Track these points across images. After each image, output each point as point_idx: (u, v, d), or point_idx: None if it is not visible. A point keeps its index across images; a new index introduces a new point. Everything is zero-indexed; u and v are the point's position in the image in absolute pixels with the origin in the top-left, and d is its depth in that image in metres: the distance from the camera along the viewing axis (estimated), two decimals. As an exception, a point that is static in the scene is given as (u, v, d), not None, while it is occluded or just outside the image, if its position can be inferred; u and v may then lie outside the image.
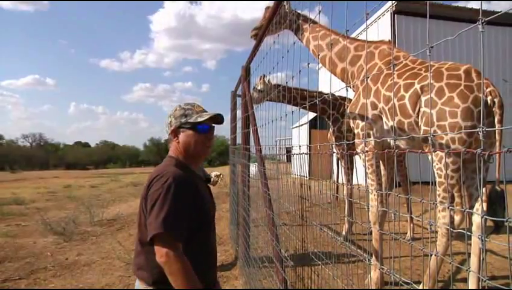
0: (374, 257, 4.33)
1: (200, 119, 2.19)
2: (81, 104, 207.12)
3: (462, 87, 3.56)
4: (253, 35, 5.81)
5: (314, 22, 5.21)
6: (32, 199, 16.63)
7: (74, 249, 7.81)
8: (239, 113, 6.35)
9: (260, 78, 7.28)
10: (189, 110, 2.22)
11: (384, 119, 4.25)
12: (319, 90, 17.52)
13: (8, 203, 14.67)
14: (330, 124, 7.52)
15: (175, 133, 2.21)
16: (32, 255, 7.36)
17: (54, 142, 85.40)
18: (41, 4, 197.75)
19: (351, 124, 4.65)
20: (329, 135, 7.60)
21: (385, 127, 4.26)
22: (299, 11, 5.44)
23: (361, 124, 4.44)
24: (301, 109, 7.56)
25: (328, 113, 7.40)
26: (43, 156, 70.27)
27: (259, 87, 7.13)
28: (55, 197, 17.92)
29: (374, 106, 4.30)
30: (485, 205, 3.59)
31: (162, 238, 1.85)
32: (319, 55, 5.06)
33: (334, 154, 8.88)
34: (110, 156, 79.04)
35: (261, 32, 4.33)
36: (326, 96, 7.34)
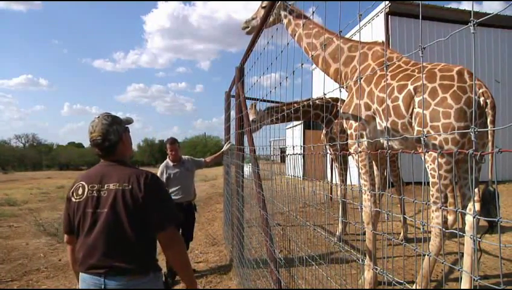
0: (367, 257, 4.34)
1: (131, 122, 2.71)
2: (74, 104, 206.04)
3: (455, 88, 3.59)
4: (244, 27, 5.83)
5: (306, 17, 5.21)
6: (25, 199, 16.52)
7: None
8: (233, 113, 6.36)
9: (251, 108, 7.26)
10: (118, 117, 2.59)
11: (377, 120, 4.26)
12: (313, 90, 17.57)
13: (0, 204, 14.56)
14: (323, 125, 7.53)
15: (123, 137, 2.53)
16: (24, 257, 7.31)
17: (47, 142, 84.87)
18: (34, 4, 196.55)
19: (344, 125, 4.67)
20: (322, 136, 7.61)
21: (378, 127, 4.27)
22: (291, 7, 5.43)
23: (354, 124, 4.45)
24: (296, 115, 7.59)
25: (322, 116, 7.42)
26: (36, 156, 69.67)
27: (251, 118, 7.08)
28: (48, 197, 17.82)
29: (367, 107, 4.32)
30: (477, 205, 3.61)
31: (173, 227, 2.38)
32: (312, 55, 5.06)
33: (328, 155, 8.89)
34: (103, 156, 78.46)
35: (255, 32, 4.33)
36: (317, 101, 7.39)
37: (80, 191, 2.37)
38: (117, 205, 2.27)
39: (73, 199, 2.38)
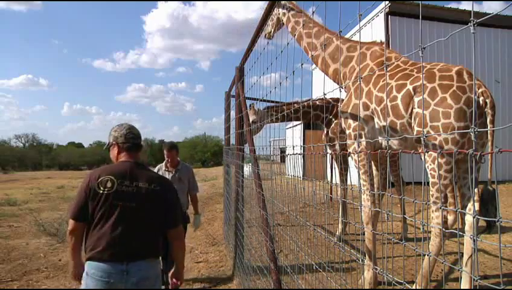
0: (367, 257, 4.34)
1: None
2: (74, 104, 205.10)
3: (454, 88, 3.59)
4: (266, 36, 5.83)
5: (305, 15, 5.22)
6: (25, 199, 16.50)
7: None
8: (233, 113, 6.36)
9: (250, 108, 7.24)
10: None
11: (376, 119, 4.26)
12: (313, 90, 17.57)
13: (1, 205, 14.55)
14: (324, 126, 7.53)
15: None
16: (24, 257, 7.31)
17: (47, 142, 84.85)
18: (34, 4, 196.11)
19: (343, 125, 4.67)
20: (323, 136, 7.61)
21: (377, 127, 4.28)
22: (289, 4, 5.44)
23: (353, 124, 4.45)
24: (296, 116, 7.59)
25: (322, 117, 7.41)
26: (36, 156, 69.64)
27: (251, 119, 7.06)
28: (48, 197, 17.79)
29: (366, 107, 4.32)
30: (477, 205, 3.61)
31: (180, 225, 2.92)
32: (312, 55, 5.06)
33: (328, 155, 8.90)
34: (103, 156, 78.49)
35: (254, 32, 4.33)
36: (318, 102, 7.38)
37: (109, 185, 2.64)
38: (146, 201, 2.69)
39: (100, 191, 2.62)
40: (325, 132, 7.42)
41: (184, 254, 3.07)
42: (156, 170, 5.51)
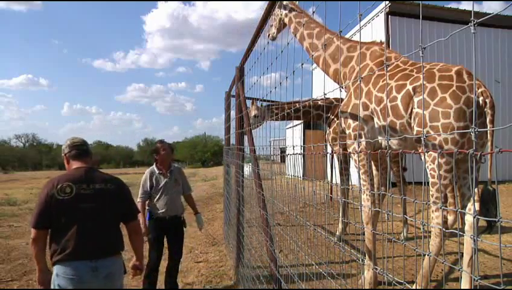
0: (367, 257, 4.34)
1: None
2: (74, 104, 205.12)
3: (454, 88, 3.59)
4: (271, 38, 5.82)
5: (307, 15, 5.21)
6: (25, 199, 16.50)
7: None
8: (233, 113, 6.35)
9: (252, 104, 7.32)
10: None
11: (375, 119, 4.26)
12: (313, 90, 17.57)
13: (1, 204, 14.55)
14: (327, 126, 7.52)
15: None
16: (24, 257, 7.31)
17: (47, 142, 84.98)
18: (34, 4, 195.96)
19: (343, 125, 4.67)
20: (326, 136, 7.61)
21: (376, 127, 4.27)
22: (291, 4, 5.44)
23: (352, 124, 4.45)
24: (297, 115, 7.60)
25: (324, 117, 7.41)
26: (36, 156, 69.83)
27: (253, 114, 7.16)
28: (48, 198, 17.77)
29: (366, 107, 4.32)
30: (477, 204, 3.61)
31: (138, 219, 3.26)
32: (312, 55, 5.06)
33: (328, 155, 8.89)
34: (103, 156, 78.60)
35: (255, 32, 4.33)
36: (320, 101, 7.39)
37: (68, 190, 2.81)
38: (105, 200, 2.92)
39: (61, 197, 2.78)
40: (328, 132, 7.41)
41: (142, 245, 3.34)
42: (148, 173, 5.06)
